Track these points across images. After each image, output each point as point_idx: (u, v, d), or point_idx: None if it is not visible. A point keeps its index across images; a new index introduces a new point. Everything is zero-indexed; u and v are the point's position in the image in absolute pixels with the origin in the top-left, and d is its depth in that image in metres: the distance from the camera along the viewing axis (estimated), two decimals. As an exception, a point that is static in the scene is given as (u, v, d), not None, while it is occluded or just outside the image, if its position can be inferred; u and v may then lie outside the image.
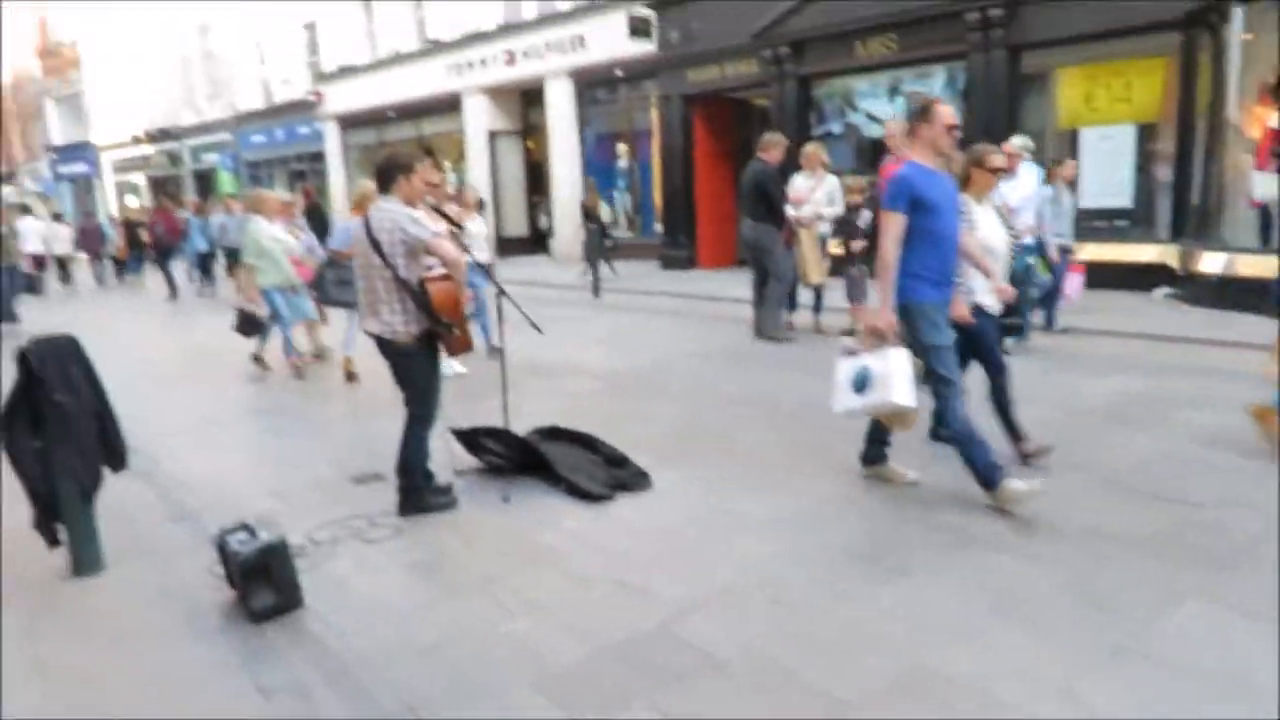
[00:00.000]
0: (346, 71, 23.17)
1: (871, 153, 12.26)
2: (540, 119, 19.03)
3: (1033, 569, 3.46)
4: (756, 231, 8.67)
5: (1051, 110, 11.26)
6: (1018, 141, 7.91)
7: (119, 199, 35.36)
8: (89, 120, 37.51)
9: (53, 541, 3.84)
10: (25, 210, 21.32)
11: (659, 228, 16.57)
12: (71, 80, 37.98)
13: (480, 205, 17.07)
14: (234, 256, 15.79)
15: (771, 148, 8.71)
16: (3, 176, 46.87)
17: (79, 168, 38.25)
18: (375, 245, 4.20)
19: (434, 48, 20.47)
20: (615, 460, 4.95)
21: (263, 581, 3.39)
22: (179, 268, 17.13)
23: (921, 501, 4.25)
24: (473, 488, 4.75)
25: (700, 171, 15.40)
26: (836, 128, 13.48)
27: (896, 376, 4.14)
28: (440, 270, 4.37)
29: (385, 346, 4.34)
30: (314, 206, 17.83)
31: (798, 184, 8.92)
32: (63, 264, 19.21)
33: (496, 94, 19.72)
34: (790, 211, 8.66)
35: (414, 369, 4.37)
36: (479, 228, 8.14)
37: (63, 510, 3.79)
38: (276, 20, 25.46)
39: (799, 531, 3.98)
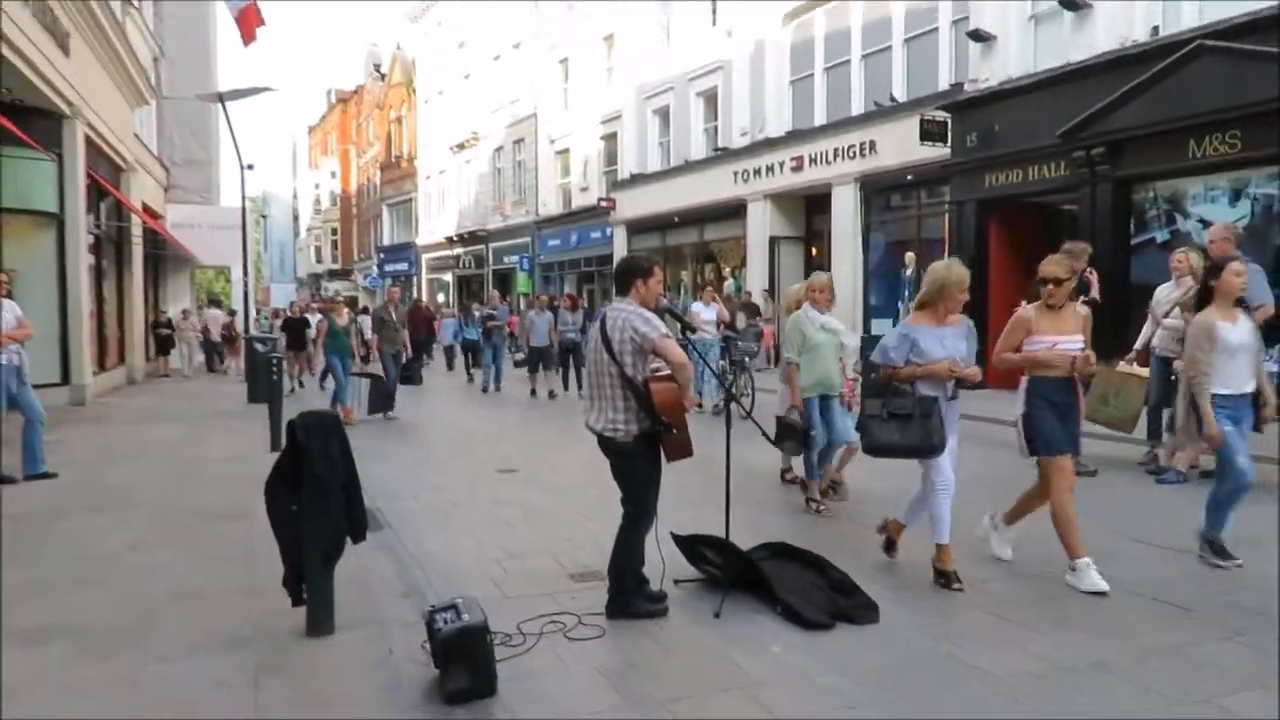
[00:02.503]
0: (638, 179, 24.65)
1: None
2: (824, 224, 18.93)
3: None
4: None
5: None
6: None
7: (431, 294, 39.98)
8: (414, 224, 43.22)
9: (297, 601, 4.16)
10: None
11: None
12: (405, 190, 44.18)
13: (754, 309, 16.65)
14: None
15: (1077, 258, 8.00)
16: (342, 272, 55.12)
17: (401, 266, 44.05)
18: (606, 343, 4.29)
19: (722, 155, 21.18)
20: (842, 587, 4.57)
21: (460, 663, 3.44)
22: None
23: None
24: (688, 598, 4.61)
25: (995, 282, 14.09)
26: (1160, 235, 12.06)
27: None
28: (666, 371, 4.36)
29: (606, 444, 4.37)
30: (575, 304, 18.87)
31: (1163, 295, 7.73)
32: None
33: (780, 200, 19.89)
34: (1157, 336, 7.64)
35: (632, 469, 4.36)
36: None
37: (306, 573, 4.12)
38: (582, 132, 28.05)
39: (1036, 697, 3.44)
